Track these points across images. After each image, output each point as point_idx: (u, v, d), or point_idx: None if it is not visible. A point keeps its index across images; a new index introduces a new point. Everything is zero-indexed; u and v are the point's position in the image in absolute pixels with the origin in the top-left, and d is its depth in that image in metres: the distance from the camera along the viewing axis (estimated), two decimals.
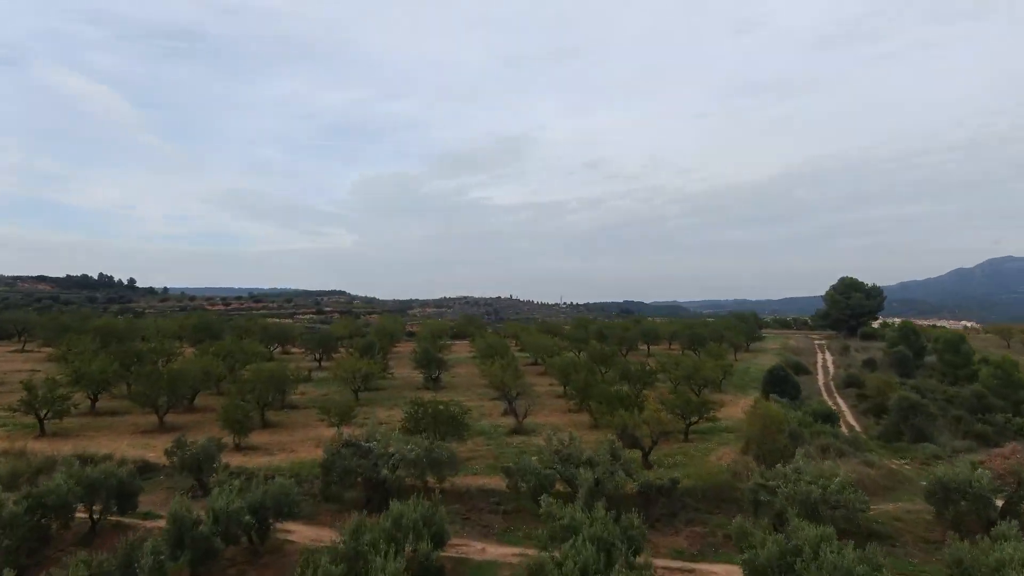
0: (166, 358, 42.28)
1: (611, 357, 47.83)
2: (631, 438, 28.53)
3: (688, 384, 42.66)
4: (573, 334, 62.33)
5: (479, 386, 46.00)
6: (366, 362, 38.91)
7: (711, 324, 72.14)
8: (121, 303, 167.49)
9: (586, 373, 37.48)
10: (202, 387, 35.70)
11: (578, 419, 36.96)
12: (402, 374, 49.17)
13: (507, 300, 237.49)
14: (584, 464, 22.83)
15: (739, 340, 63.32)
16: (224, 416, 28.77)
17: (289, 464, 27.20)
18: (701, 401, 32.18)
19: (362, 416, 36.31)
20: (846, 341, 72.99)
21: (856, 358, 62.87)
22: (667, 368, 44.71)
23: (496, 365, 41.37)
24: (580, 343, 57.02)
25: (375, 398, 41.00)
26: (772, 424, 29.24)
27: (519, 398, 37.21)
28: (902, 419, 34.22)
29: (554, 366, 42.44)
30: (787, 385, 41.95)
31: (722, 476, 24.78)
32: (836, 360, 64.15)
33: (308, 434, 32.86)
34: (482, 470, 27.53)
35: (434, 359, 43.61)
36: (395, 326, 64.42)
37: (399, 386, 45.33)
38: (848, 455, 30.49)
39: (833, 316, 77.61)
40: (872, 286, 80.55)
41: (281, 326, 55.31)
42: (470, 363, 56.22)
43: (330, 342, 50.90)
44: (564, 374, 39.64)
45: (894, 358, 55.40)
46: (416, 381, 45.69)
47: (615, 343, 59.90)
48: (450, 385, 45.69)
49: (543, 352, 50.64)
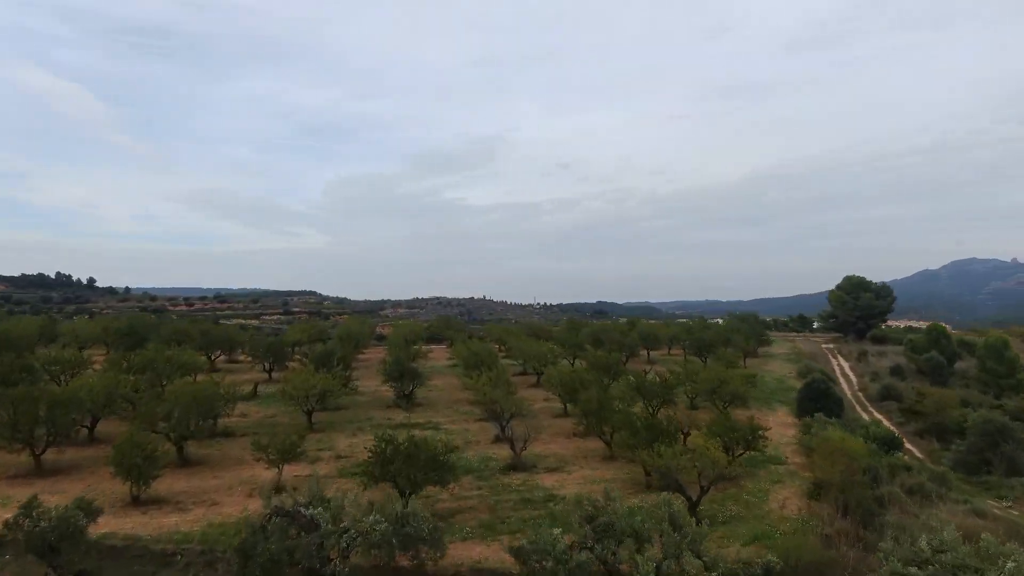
0: (70, 372, 33.79)
1: (615, 366, 40.73)
2: (672, 482, 21.39)
3: (712, 400, 35.79)
4: (565, 338, 55.16)
5: (462, 402, 38.47)
6: (322, 376, 31.05)
7: (714, 326, 65.59)
8: (77, 303, 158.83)
9: (597, 390, 30.21)
10: (104, 412, 27.47)
11: (587, 447, 29.74)
12: (369, 387, 41.35)
13: (481, 300, 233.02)
14: (629, 536, 15.61)
15: (749, 345, 56.83)
16: (116, 458, 20.78)
17: (203, 529, 19.37)
18: (751, 429, 25.18)
19: (316, 446, 28.55)
20: (858, 345, 67.31)
21: (876, 365, 56.93)
22: (683, 379, 37.74)
23: (483, 379, 33.93)
24: (575, 349, 49.85)
25: (334, 420, 33.17)
26: (854, 462, 22.38)
27: (513, 420, 29.90)
28: (988, 446, 27.71)
29: (554, 380, 35.14)
30: (828, 401, 35.30)
31: (813, 548, 17.65)
32: (854, 367, 58.15)
33: (240, 475, 24.97)
34: (475, 532, 20.07)
35: (407, 371, 35.97)
36: (362, 329, 56.23)
37: (365, 403, 37.51)
38: (940, 498, 23.82)
39: (841, 318, 71.96)
40: (882, 285, 75.20)
41: (226, 330, 47.04)
42: (449, 372, 48.61)
43: (282, 349, 42.70)
44: (569, 390, 32.39)
45: (927, 365, 49.44)
46: (386, 398, 37.99)
47: (613, 348, 52.87)
48: (427, 402, 38.06)
49: (536, 360, 43.38)
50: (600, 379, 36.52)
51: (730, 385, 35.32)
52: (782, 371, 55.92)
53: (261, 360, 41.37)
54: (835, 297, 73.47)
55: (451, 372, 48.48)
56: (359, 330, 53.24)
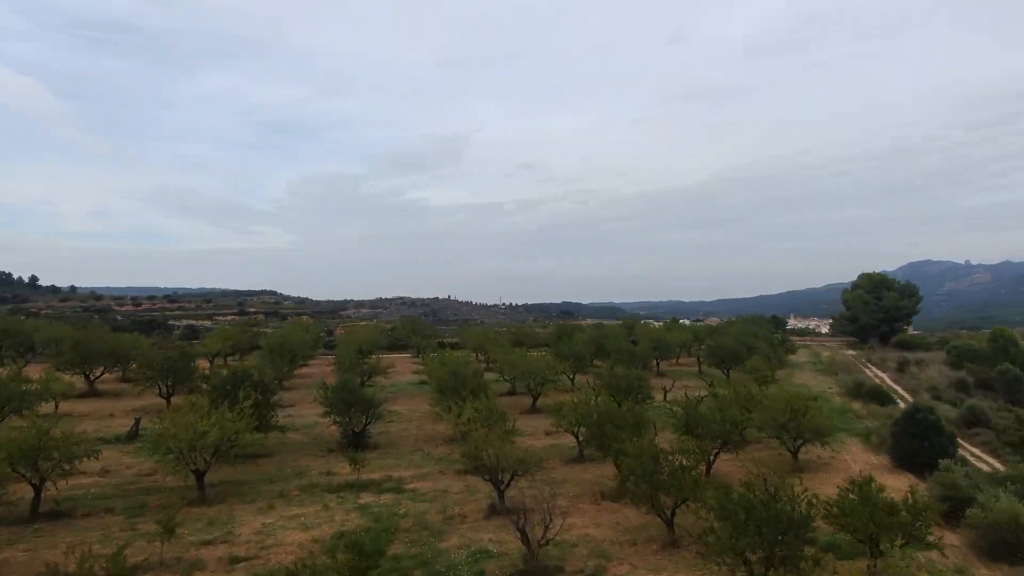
0: None
1: (641, 388, 30.74)
2: None
3: (781, 437, 26.06)
4: (559, 346, 44.92)
5: (435, 439, 27.92)
6: (221, 417, 19.91)
7: (725, 329, 56.14)
8: (15, 303, 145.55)
9: (646, 439, 19.88)
10: None
11: (628, 520, 19.57)
12: (308, 417, 30.42)
13: (445, 301, 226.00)
14: None
15: (778, 354, 47.45)
16: None
17: None
18: (914, 508, 15.34)
19: (201, 532, 17.66)
20: (887, 352, 58.86)
21: (923, 376, 48.25)
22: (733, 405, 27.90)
23: (467, 411, 23.47)
24: (576, 361, 39.64)
25: (245, 480, 22.22)
26: None
27: (516, 480, 19.60)
28: None
29: (569, 415, 24.79)
30: (939, 438, 25.80)
31: None
32: (896, 379, 49.40)
33: None
34: None
35: (357, 400, 25.14)
36: (304, 336, 44.62)
37: (298, 447, 26.58)
38: None
39: (863, 321, 63.47)
40: (907, 283, 67.05)
41: (118, 340, 35.10)
42: (417, 392, 37.85)
43: (188, 365, 31.02)
44: (596, 433, 22.10)
45: (1001, 380, 40.75)
46: (328, 437, 27.17)
47: (620, 359, 42.94)
48: (386, 442, 27.33)
49: (532, 379, 33.09)
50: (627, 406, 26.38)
51: (811, 417, 25.55)
52: (817, 385, 46.83)
53: (155, 381, 29.69)
54: (854, 297, 64.94)
55: (419, 391, 37.77)
56: (299, 338, 41.57)
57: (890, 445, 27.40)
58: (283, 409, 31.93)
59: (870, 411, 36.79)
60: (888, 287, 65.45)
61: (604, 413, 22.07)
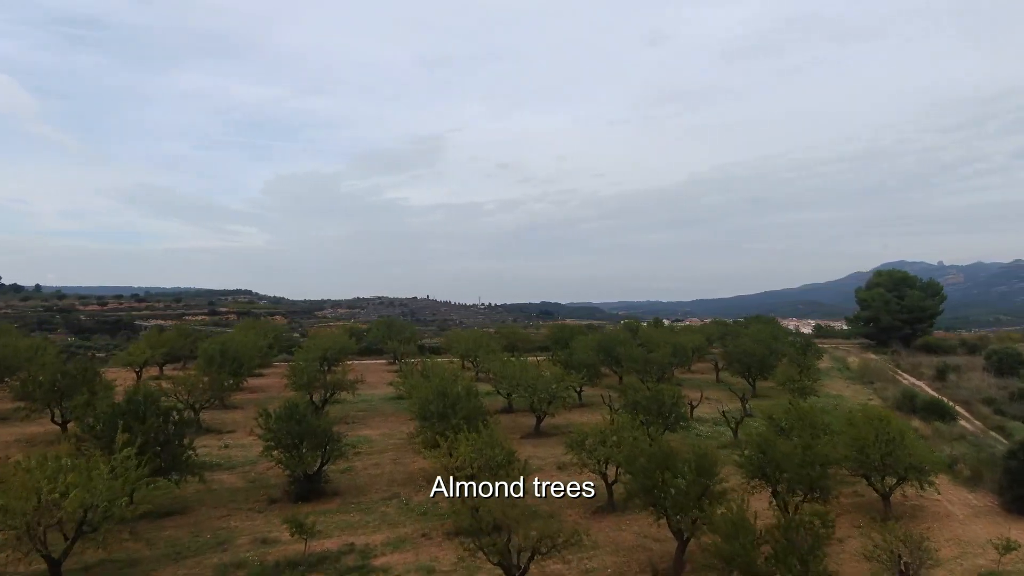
0: None
1: (677, 409, 24.50)
2: None
3: (871, 476, 19.98)
4: (562, 353, 38.50)
5: (415, 479, 21.27)
6: (88, 474, 12.96)
7: (740, 332, 50.08)
8: None
9: (748, 531, 13.44)
10: None
11: None
12: (250, 450, 23.61)
13: (424, 300, 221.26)
14: None
15: (808, 360, 41.41)
16: None
17: None
18: None
19: None
20: (915, 356, 53.44)
21: (970, 386, 42.72)
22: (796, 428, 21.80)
23: (463, 449, 16.94)
24: (585, 370, 33.23)
25: (134, 559, 15.44)
26: None
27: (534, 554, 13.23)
28: None
29: (597, 452, 18.40)
30: None
31: None
32: (935, 387, 43.82)
33: None
34: None
35: (310, 432, 18.44)
36: (256, 340, 37.29)
37: (227, 497, 19.68)
38: None
39: (884, 321, 58.11)
40: (929, 280, 61.80)
41: (15, 346, 27.91)
42: (393, 409, 31.19)
43: (95, 379, 23.43)
44: (644, 484, 15.66)
45: None
46: (273, 480, 20.40)
47: (635, 368, 36.79)
48: (350, 487, 20.63)
49: (537, 395, 26.62)
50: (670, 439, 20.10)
51: (910, 447, 19.47)
52: (853, 396, 41.04)
53: (45, 403, 22.28)
54: (875, 296, 59.42)
55: (396, 408, 31.10)
56: (251, 343, 33.91)
57: (1002, 483, 21.41)
58: (221, 435, 25.18)
59: (935, 431, 30.99)
60: (910, 285, 60.10)
61: (658, 455, 15.65)
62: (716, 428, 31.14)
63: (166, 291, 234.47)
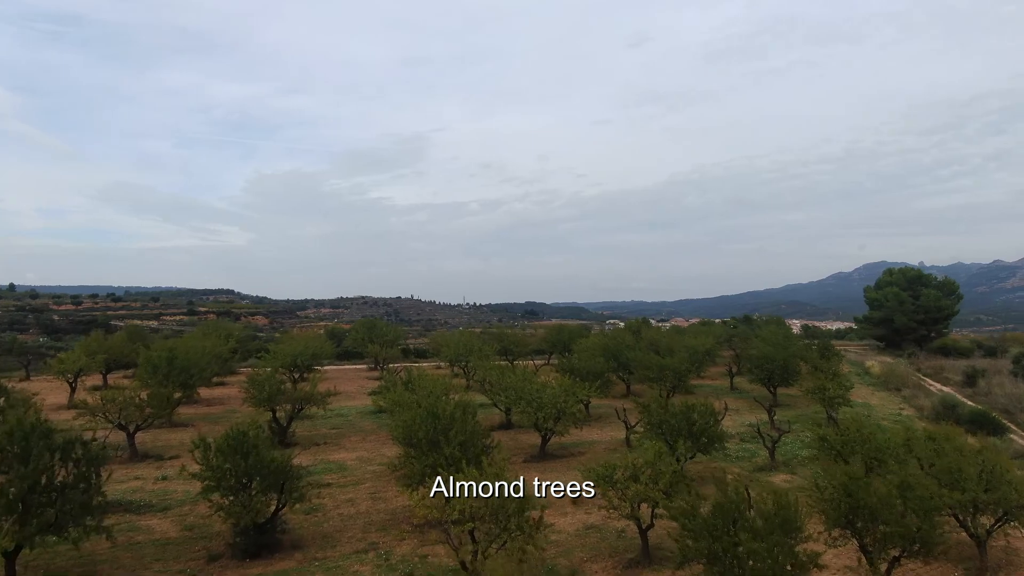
0: None
1: (711, 429, 20.56)
2: None
3: (964, 518, 16.13)
4: (565, 360, 34.41)
5: (396, 525, 16.92)
6: None
7: (760, 334, 46.20)
8: None
9: None
10: None
11: None
12: (192, 486, 19.24)
13: (408, 300, 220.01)
14: None
15: (832, 366, 37.68)
16: None
17: None
18: None
19: None
20: (934, 359, 50.07)
21: (1005, 393, 39.30)
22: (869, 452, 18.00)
23: (462, 502, 12.79)
24: (593, 378, 29.08)
25: None
26: None
27: None
28: None
29: (628, 491, 14.38)
30: None
31: None
32: (965, 394, 40.40)
33: None
34: None
35: (262, 468, 14.23)
36: (213, 345, 32.39)
37: (153, 553, 15.20)
38: None
39: (899, 323, 54.70)
40: (944, 279, 58.59)
41: None
42: (372, 427, 26.90)
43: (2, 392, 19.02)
44: (699, 546, 11.56)
45: None
46: (217, 529, 16.04)
47: (650, 377, 32.81)
48: (315, 534, 16.34)
49: (543, 412, 22.48)
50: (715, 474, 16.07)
51: (1016, 485, 15.65)
52: (881, 405, 37.53)
53: None
54: (888, 295, 55.99)
55: (377, 424, 26.82)
56: (207, 349, 28.78)
57: None
58: (161, 463, 20.76)
59: (991, 448, 27.26)
60: (925, 283, 56.82)
61: (726, 507, 11.56)
62: (743, 446, 27.28)
63: (146, 291, 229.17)
